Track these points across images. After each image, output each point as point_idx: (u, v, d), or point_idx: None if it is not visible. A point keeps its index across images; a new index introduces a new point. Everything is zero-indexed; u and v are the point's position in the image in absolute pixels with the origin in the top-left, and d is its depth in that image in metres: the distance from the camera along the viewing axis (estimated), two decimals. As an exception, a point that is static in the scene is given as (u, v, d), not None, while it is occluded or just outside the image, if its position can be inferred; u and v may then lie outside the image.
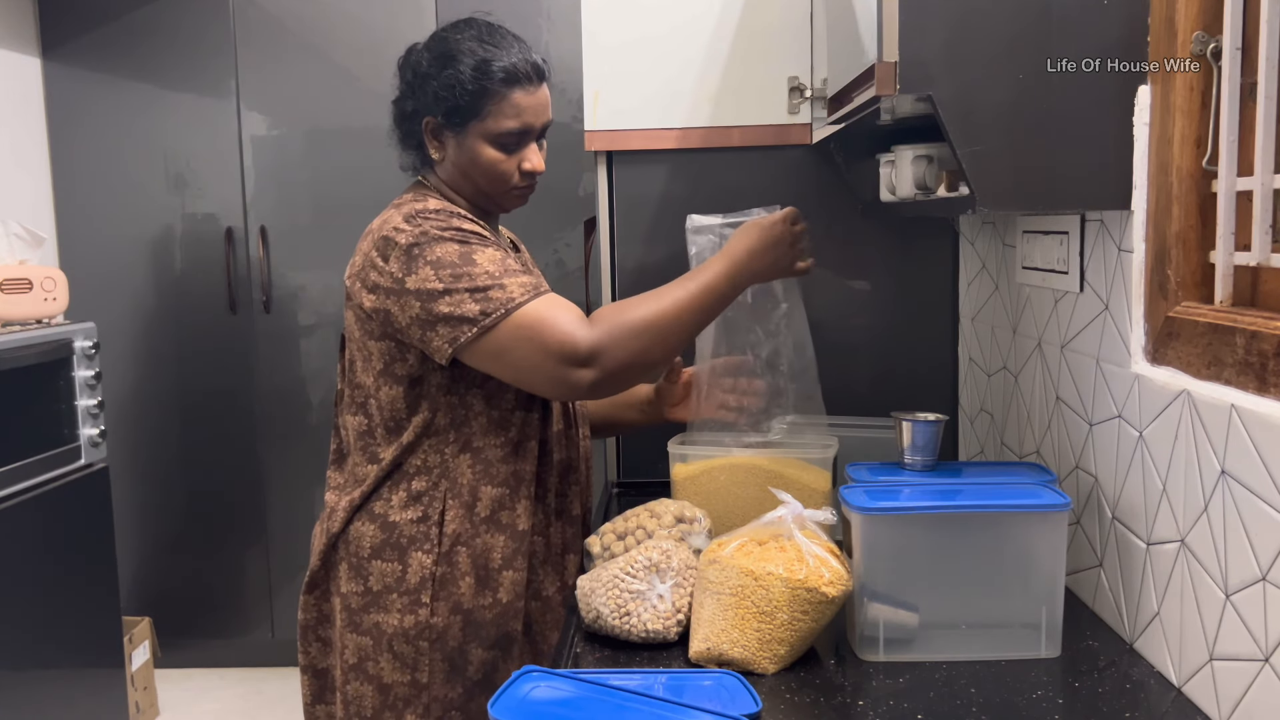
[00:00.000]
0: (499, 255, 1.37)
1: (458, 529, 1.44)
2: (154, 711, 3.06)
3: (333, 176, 3.19)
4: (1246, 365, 0.99)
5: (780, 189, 2.04)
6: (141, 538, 3.33)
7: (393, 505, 1.45)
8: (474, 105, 1.41)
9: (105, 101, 3.21)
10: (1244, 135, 1.06)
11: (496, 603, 1.45)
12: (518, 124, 1.42)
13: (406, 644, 1.43)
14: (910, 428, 1.39)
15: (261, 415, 3.29)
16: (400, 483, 1.45)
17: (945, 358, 2.04)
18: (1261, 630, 0.96)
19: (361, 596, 1.45)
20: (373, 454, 1.46)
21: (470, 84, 1.40)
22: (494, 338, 1.33)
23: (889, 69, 1.19)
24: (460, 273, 1.34)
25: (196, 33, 3.17)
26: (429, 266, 1.34)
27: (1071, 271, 1.39)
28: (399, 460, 1.44)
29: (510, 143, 1.43)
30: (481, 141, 1.42)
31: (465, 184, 1.48)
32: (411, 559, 1.43)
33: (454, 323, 1.33)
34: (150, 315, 3.29)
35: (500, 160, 1.44)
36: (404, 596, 1.43)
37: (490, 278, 1.34)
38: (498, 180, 1.45)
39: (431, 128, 1.45)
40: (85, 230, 3.25)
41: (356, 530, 1.46)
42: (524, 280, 1.35)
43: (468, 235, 1.37)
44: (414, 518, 1.44)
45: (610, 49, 1.96)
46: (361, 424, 1.47)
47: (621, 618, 1.23)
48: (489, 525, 1.45)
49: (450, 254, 1.35)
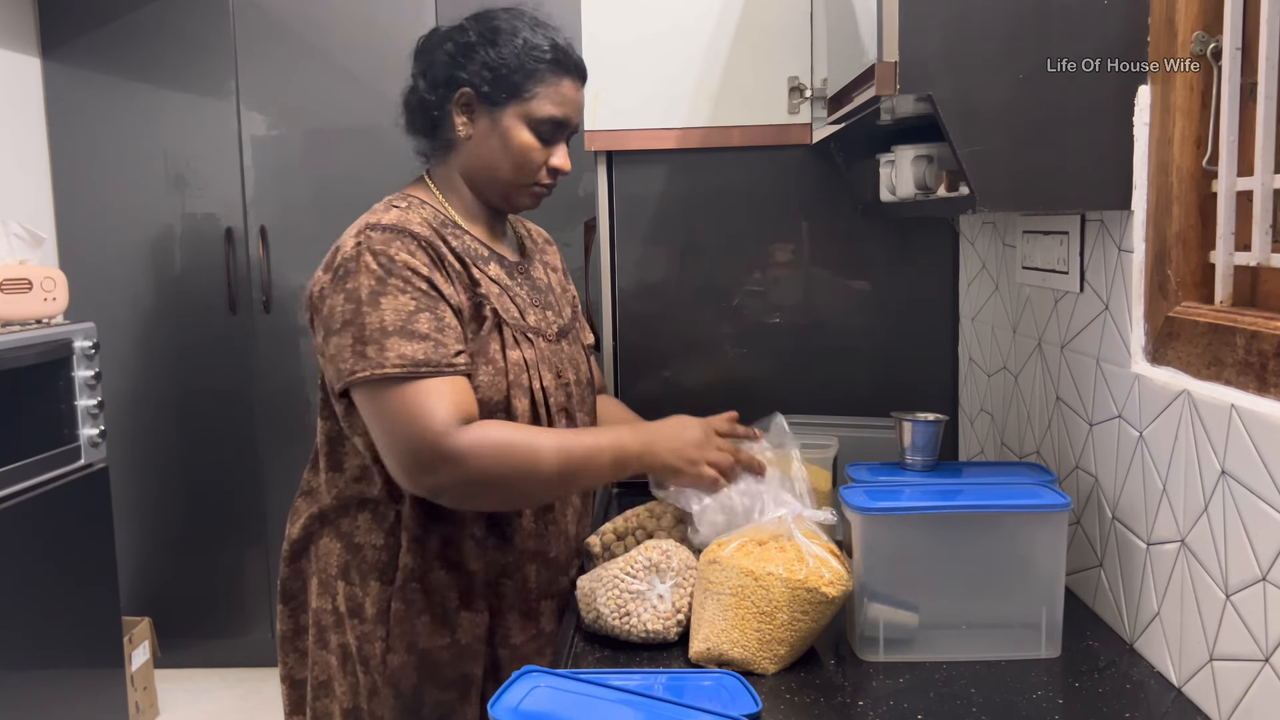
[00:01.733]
0: (409, 305, 1.24)
1: (411, 563, 1.34)
2: (154, 711, 3.06)
3: (333, 176, 3.18)
4: (1246, 365, 0.99)
5: (780, 189, 2.05)
6: (141, 538, 3.33)
7: (358, 526, 1.37)
8: (521, 83, 1.34)
9: (105, 101, 3.21)
10: (1244, 135, 1.06)
11: (455, 644, 1.36)
12: (560, 113, 1.36)
13: (364, 673, 1.37)
14: (910, 428, 1.39)
15: (261, 415, 3.29)
16: (366, 505, 1.37)
17: (945, 358, 2.04)
18: (1261, 630, 0.96)
19: (330, 614, 1.40)
20: (337, 462, 1.38)
21: (526, 59, 1.34)
22: (360, 396, 1.25)
23: (889, 69, 1.19)
24: (358, 314, 1.24)
25: (196, 33, 3.17)
26: (341, 295, 1.26)
27: (1071, 271, 1.39)
28: (366, 480, 1.37)
29: (546, 132, 1.36)
30: (519, 123, 1.35)
31: (484, 172, 1.38)
32: (370, 587, 1.37)
33: (333, 366, 1.26)
34: (150, 315, 3.29)
35: (534, 148, 1.36)
36: (363, 624, 1.37)
37: (379, 332, 1.23)
38: (523, 169, 1.37)
39: (464, 101, 1.36)
40: (85, 230, 3.25)
41: (325, 546, 1.40)
42: (409, 350, 1.22)
43: (392, 272, 1.25)
44: (375, 543, 1.37)
45: (610, 49, 1.96)
46: (331, 429, 1.39)
47: (621, 618, 1.23)
48: (441, 562, 1.36)
49: (362, 287, 1.24)
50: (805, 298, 2.08)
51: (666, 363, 2.10)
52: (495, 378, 1.32)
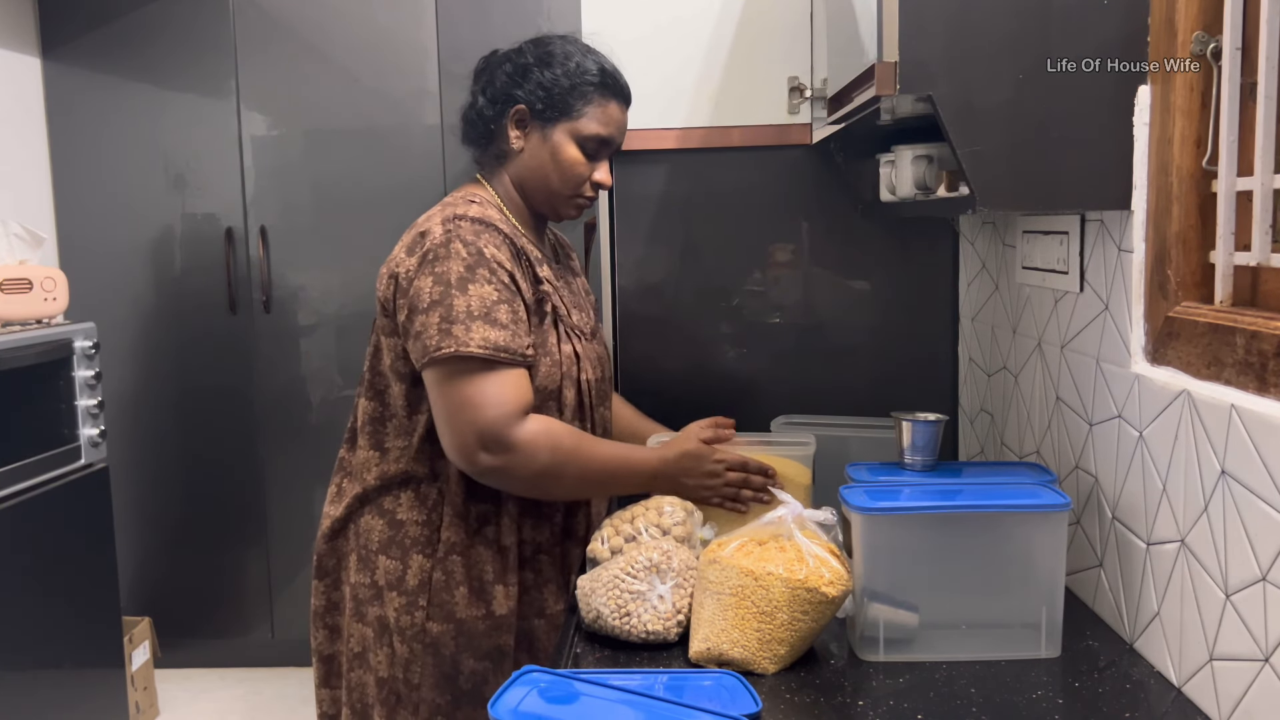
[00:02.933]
0: (493, 295, 1.36)
1: (453, 537, 1.46)
2: (154, 711, 3.06)
3: (333, 176, 3.18)
4: (1246, 365, 0.99)
5: (780, 189, 2.05)
6: (141, 538, 3.33)
7: (401, 504, 1.47)
8: (572, 103, 1.46)
9: (105, 101, 3.21)
10: (1244, 135, 1.06)
11: (489, 615, 1.46)
12: (605, 132, 1.48)
13: (402, 643, 1.46)
14: (910, 428, 1.39)
15: (261, 415, 3.28)
16: (409, 483, 1.47)
17: (945, 358, 2.04)
18: (1261, 630, 0.96)
19: (369, 588, 1.48)
20: (379, 442, 1.48)
21: (578, 81, 1.46)
22: (435, 373, 1.36)
23: (889, 69, 1.19)
24: (446, 296, 1.35)
25: (196, 33, 3.17)
26: (430, 277, 1.36)
27: (1071, 271, 1.39)
28: (410, 458, 1.46)
29: (592, 149, 1.48)
30: (568, 139, 1.46)
31: (533, 181, 1.49)
32: (412, 560, 1.46)
33: (418, 342, 1.36)
34: (150, 315, 3.29)
35: (579, 163, 1.47)
36: (403, 596, 1.46)
37: (465, 314, 1.34)
38: (570, 182, 1.48)
39: (518, 117, 1.48)
40: (85, 230, 3.25)
41: (367, 523, 1.49)
42: (491, 336, 1.34)
43: (481, 260, 1.37)
44: (418, 519, 1.47)
45: (610, 49, 1.96)
46: (375, 410, 1.48)
47: (621, 618, 1.23)
48: (479, 538, 1.47)
49: (451, 272, 1.36)
50: (805, 298, 2.08)
51: (667, 362, 2.10)
52: (551, 369, 1.44)
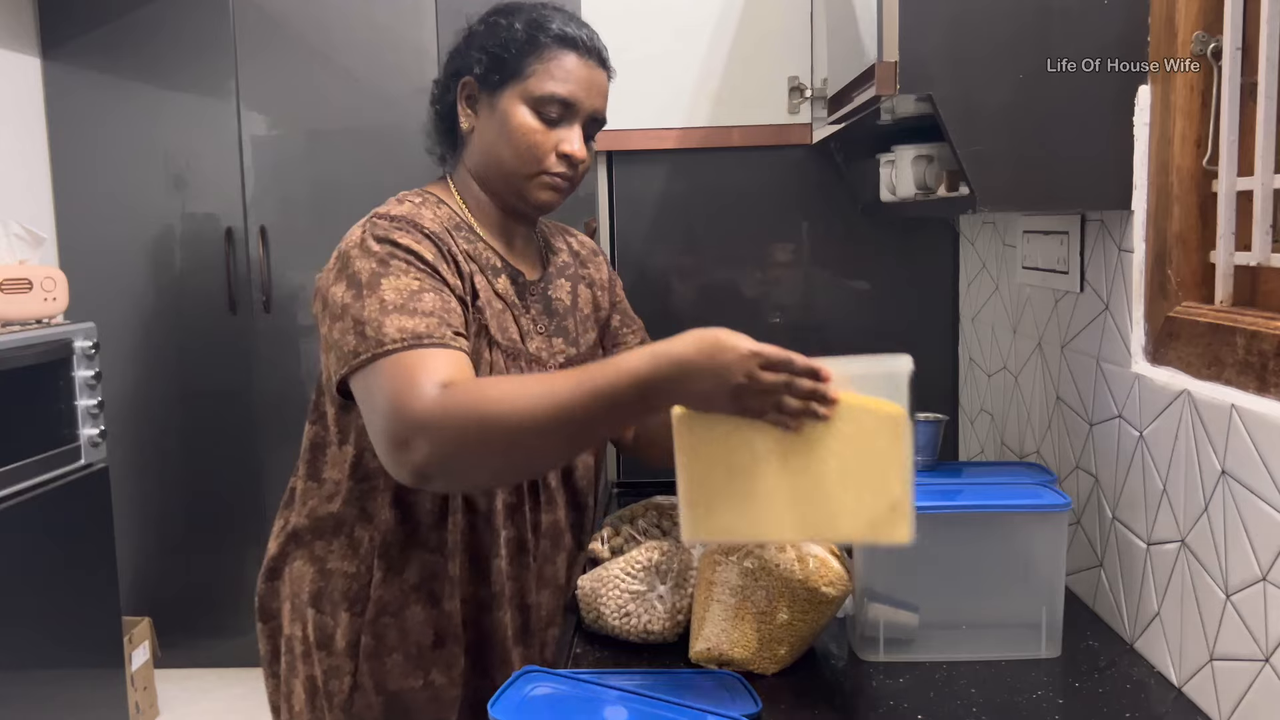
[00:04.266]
0: (411, 285, 1.13)
1: (385, 595, 1.25)
2: (154, 711, 3.06)
3: (333, 176, 3.18)
4: (1247, 365, 0.99)
5: (780, 189, 2.05)
6: (141, 538, 3.33)
7: (333, 550, 1.27)
8: (519, 60, 1.22)
9: (105, 101, 3.21)
10: (1244, 135, 1.06)
11: (429, 686, 1.26)
12: (564, 90, 1.21)
13: (329, 711, 1.27)
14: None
15: (261, 415, 3.28)
16: (343, 527, 1.27)
17: (945, 358, 2.04)
18: (1262, 630, 0.96)
19: (300, 643, 1.30)
20: (316, 471, 1.29)
21: (521, 35, 1.22)
22: (357, 383, 1.10)
23: (889, 69, 1.19)
24: (358, 298, 1.12)
25: (196, 33, 3.17)
26: (344, 281, 1.15)
27: (1071, 271, 1.39)
28: (342, 497, 1.26)
29: (551, 114, 1.22)
30: (518, 103, 1.22)
31: (488, 163, 1.26)
32: (341, 618, 1.26)
33: (335, 354, 1.13)
34: (150, 315, 3.28)
35: (535, 130, 1.21)
36: (331, 658, 1.27)
37: (379, 312, 1.10)
38: (527, 156, 1.22)
39: (467, 92, 1.26)
40: (85, 230, 3.25)
41: (299, 569, 1.30)
42: (408, 324, 1.08)
43: (394, 255, 1.15)
44: (347, 571, 1.27)
45: (610, 49, 1.96)
46: (316, 434, 1.30)
47: (622, 618, 1.23)
48: (418, 596, 1.25)
49: (362, 273, 1.14)
50: (805, 298, 2.08)
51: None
52: None
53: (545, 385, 1.02)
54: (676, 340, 1.00)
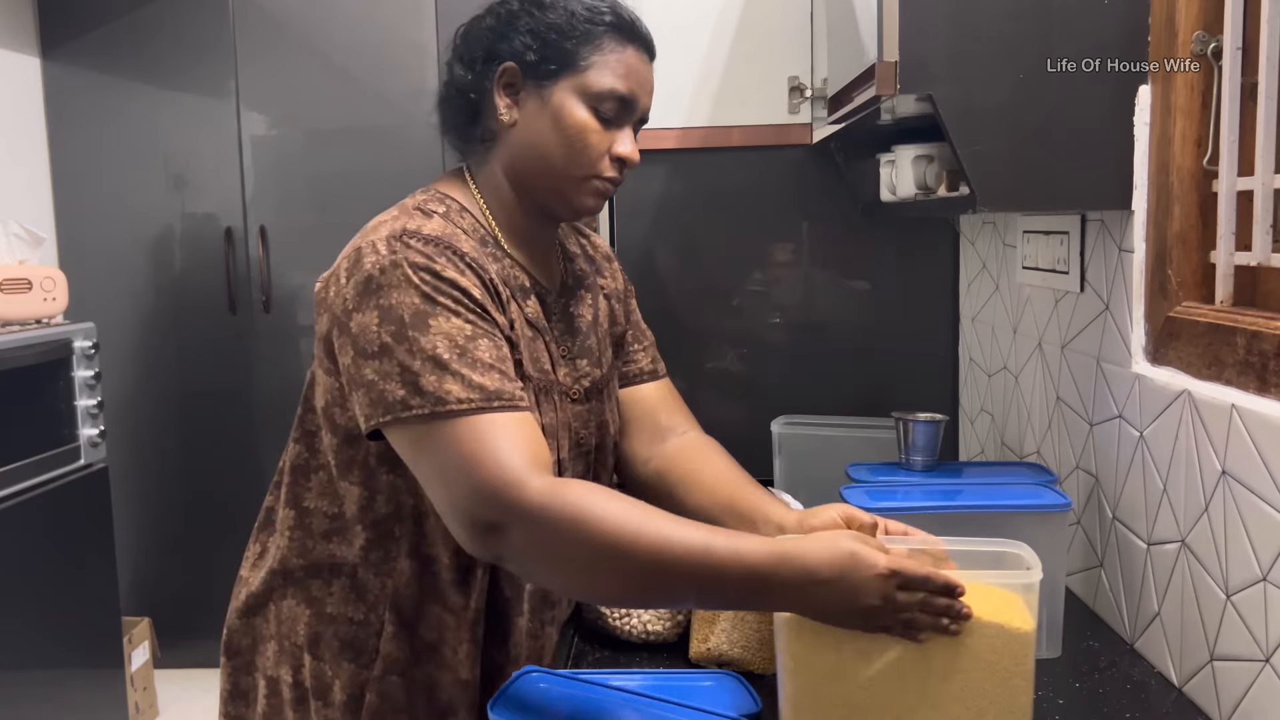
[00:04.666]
0: (465, 330, 1.00)
1: (394, 652, 1.11)
2: (154, 711, 3.06)
3: (333, 176, 3.18)
4: (1247, 365, 0.99)
5: (780, 189, 2.05)
6: (141, 538, 3.33)
7: (333, 594, 1.13)
8: (576, 50, 1.08)
9: (105, 101, 3.21)
10: (1244, 135, 1.06)
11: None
12: (625, 87, 1.09)
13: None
14: (911, 427, 1.39)
15: (261, 415, 3.28)
16: (341, 571, 1.13)
17: (945, 358, 2.04)
18: (1262, 630, 0.96)
19: (292, 689, 1.15)
20: (296, 497, 1.15)
21: (580, 22, 1.08)
22: (407, 436, 1.00)
23: (889, 69, 1.19)
24: (402, 337, 0.99)
25: (196, 33, 3.17)
26: (376, 312, 1.00)
27: (1072, 271, 1.39)
28: (340, 539, 1.13)
29: (609, 111, 1.09)
30: (574, 98, 1.08)
31: (532, 163, 1.11)
32: (344, 670, 1.12)
33: (372, 397, 1.00)
34: (150, 315, 3.28)
35: (592, 129, 1.08)
36: (329, 710, 1.12)
37: (432, 362, 0.98)
38: (580, 157, 1.09)
39: (507, 79, 1.10)
40: (85, 230, 3.25)
41: (290, 609, 1.15)
42: (477, 380, 0.98)
43: (440, 290, 1.01)
44: (353, 618, 1.12)
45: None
46: (300, 455, 1.15)
47: (621, 618, 1.23)
48: (431, 658, 1.12)
49: (405, 306, 1.00)
50: (805, 298, 2.08)
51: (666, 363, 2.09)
52: None
53: (661, 530, 0.93)
54: (807, 543, 0.92)
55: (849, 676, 0.93)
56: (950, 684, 0.92)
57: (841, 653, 0.92)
